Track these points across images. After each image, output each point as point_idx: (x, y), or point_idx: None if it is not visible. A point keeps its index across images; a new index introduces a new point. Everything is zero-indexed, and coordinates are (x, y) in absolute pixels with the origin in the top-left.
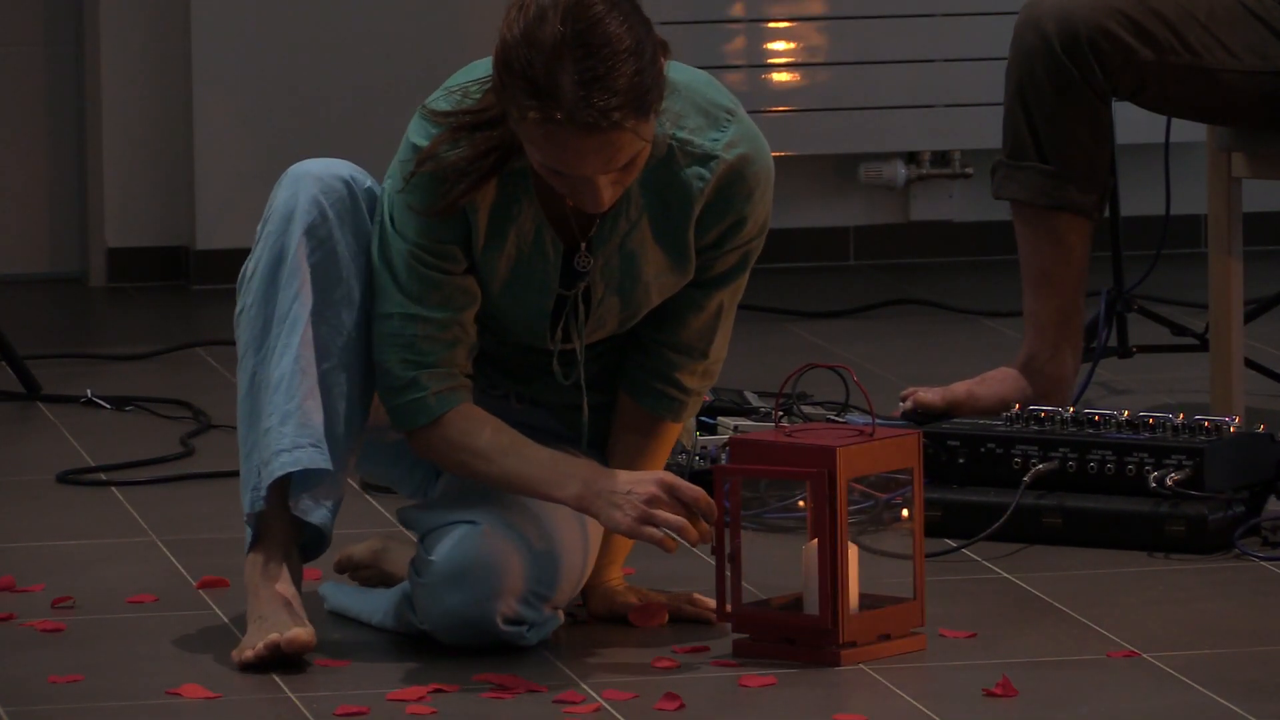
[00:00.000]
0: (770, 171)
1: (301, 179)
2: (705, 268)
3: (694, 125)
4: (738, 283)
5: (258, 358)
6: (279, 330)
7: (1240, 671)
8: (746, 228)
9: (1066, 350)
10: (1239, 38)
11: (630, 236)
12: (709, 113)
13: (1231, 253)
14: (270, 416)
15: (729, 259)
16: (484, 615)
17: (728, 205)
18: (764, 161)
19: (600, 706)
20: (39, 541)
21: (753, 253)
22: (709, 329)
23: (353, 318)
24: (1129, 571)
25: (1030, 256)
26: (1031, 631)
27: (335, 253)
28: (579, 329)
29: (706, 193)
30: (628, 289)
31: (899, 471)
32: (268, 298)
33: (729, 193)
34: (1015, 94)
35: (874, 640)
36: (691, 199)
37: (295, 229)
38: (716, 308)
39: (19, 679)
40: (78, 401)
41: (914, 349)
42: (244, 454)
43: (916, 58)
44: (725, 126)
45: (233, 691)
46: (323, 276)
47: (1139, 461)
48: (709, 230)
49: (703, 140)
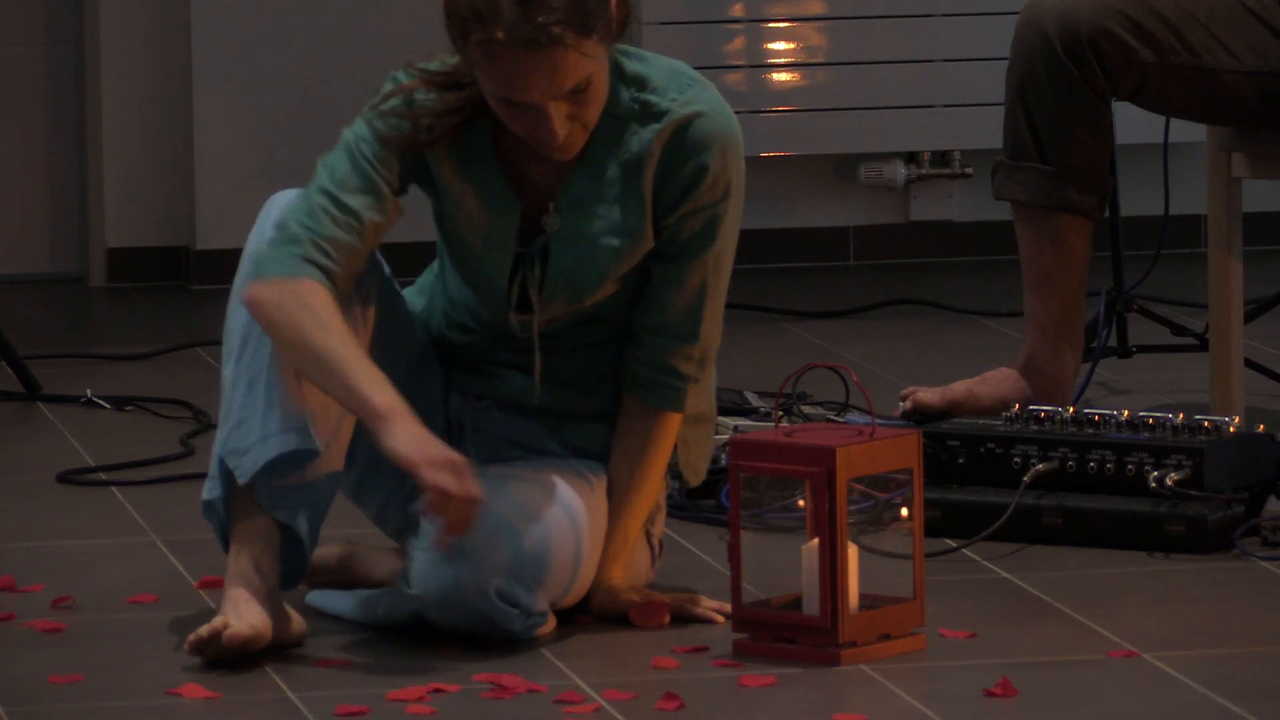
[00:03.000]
0: (729, 134)
1: (273, 203)
2: (672, 236)
3: (657, 86)
4: (712, 255)
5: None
6: (250, 328)
7: (1240, 672)
8: (703, 185)
9: (1067, 350)
10: (1239, 38)
11: (589, 197)
12: (674, 77)
13: (1231, 253)
14: (245, 408)
15: (693, 224)
16: (480, 588)
17: (680, 161)
18: (720, 121)
19: (600, 706)
20: (39, 541)
21: (720, 218)
22: (694, 308)
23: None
24: (1129, 571)
25: (1031, 257)
26: (1031, 631)
27: None
28: (534, 284)
29: (658, 149)
30: (584, 250)
31: (899, 471)
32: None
33: (679, 147)
34: (1016, 94)
35: (874, 640)
36: (645, 155)
37: (262, 239)
38: (698, 284)
39: (19, 679)
40: (78, 401)
41: (914, 349)
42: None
43: (917, 58)
44: (686, 89)
45: (232, 691)
46: None
47: (1139, 461)
48: (665, 187)
49: (660, 99)
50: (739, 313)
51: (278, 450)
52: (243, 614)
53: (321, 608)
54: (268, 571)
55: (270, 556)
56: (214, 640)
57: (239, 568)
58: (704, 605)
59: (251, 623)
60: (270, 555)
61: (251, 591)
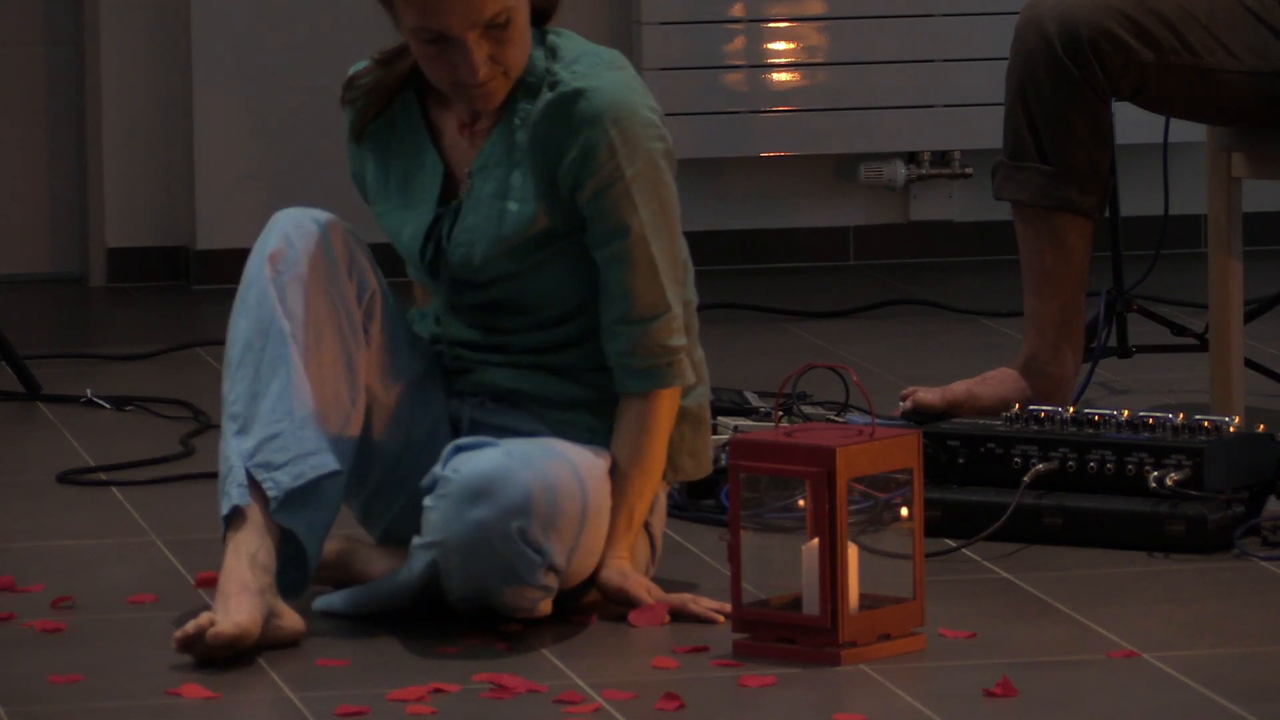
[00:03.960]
0: (618, 108)
1: (274, 222)
2: (594, 219)
3: (565, 59)
4: (642, 225)
5: (248, 368)
6: (263, 344)
7: (1240, 672)
8: (598, 161)
9: (1067, 350)
10: (1239, 38)
11: (497, 161)
12: (587, 55)
13: (1231, 253)
14: (280, 423)
15: (607, 202)
16: (503, 530)
17: (569, 137)
18: (608, 96)
19: (600, 706)
20: (39, 541)
21: (632, 190)
22: (653, 282)
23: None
24: (1129, 571)
25: (1031, 257)
26: (1031, 631)
27: (300, 281)
28: (446, 239)
29: (546, 120)
30: (486, 211)
31: (899, 471)
32: (251, 319)
33: (566, 122)
34: (1016, 94)
35: (874, 640)
36: (538, 121)
37: (260, 256)
38: (646, 258)
39: (19, 679)
40: (78, 401)
41: (914, 349)
42: (241, 452)
43: (917, 58)
44: (591, 67)
45: (232, 691)
46: (290, 300)
47: (1139, 461)
48: (561, 163)
49: (562, 70)
50: (739, 313)
51: (316, 472)
52: (230, 611)
53: (329, 608)
54: (263, 567)
55: (266, 553)
56: (199, 637)
57: (233, 564)
58: (704, 605)
59: (237, 621)
60: (266, 551)
61: (242, 588)
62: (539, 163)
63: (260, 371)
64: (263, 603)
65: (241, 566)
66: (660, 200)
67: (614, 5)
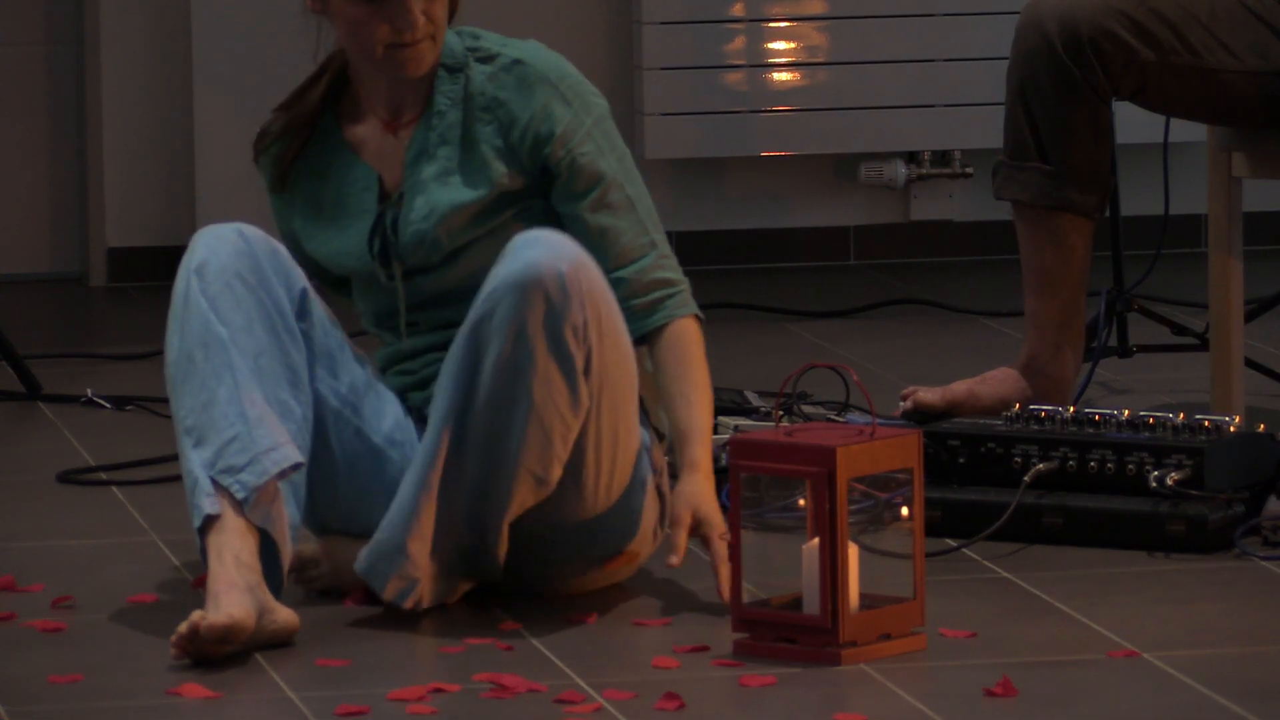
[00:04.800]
0: (555, 69)
1: (195, 240)
2: (570, 175)
3: (486, 38)
4: (612, 168)
5: (194, 381)
6: (205, 354)
7: (1241, 671)
8: (555, 120)
9: (1068, 350)
10: (1240, 38)
11: (431, 144)
12: (509, 39)
13: (1232, 252)
14: (233, 425)
15: (576, 155)
16: (558, 271)
17: (519, 105)
18: (542, 60)
19: (601, 706)
20: (39, 541)
21: (594, 136)
22: (635, 222)
23: (253, 345)
24: (1129, 571)
25: (1031, 257)
26: (1032, 631)
27: (230, 288)
28: (392, 230)
29: (491, 87)
30: (428, 191)
31: (899, 471)
32: (187, 333)
33: (512, 91)
34: (1017, 94)
35: (874, 640)
36: (481, 94)
37: (187, 271)
38: (623, 199)
39: (19, 678)
40: (78, 401)
41: (914, 349)
42: (203, 462)
43: (917, 57)
44: (520, 43)
45: (233, 691)
46: (223, 307)
47: (1139, 461)
48: (514, 129)
49: (490, 45)
50: (739, 312)
51: (278, 466)
52: (221, 605)
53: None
54: (248, 566)
55: (249, 552)
56: (193, 634)
57: (218, 567)
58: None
59: (230, 612)
60: (249, 551)
61: (230, 585)
62: (489, 130)
63: (206, 381)
64: (254, 598)
65: (227, 568)
66: (620, 145)
67: (614, 5)
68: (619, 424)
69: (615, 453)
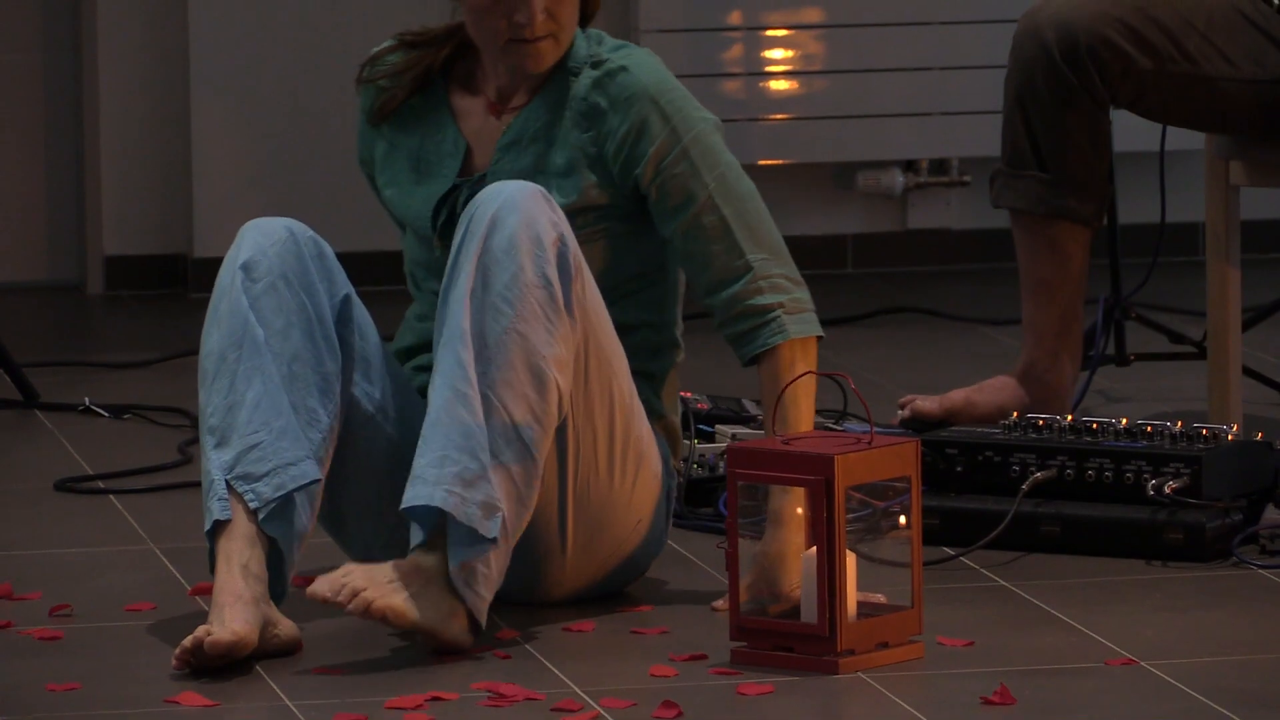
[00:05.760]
0: (657, 83)
1: (243, 233)
2: (661, 196)
3: (612, 46)
4: (709, 191)
5: (224, 379)
6: (238, 355)
7: (1239, 680)
8: (651, 135)
9: (1065, 358)
10: (1238, 46)
11: (527, 137)
12: (628, 46)
13: (1229, 260)
14: (258, 433)
15: (670, 175)
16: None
17: (616, 117)
18: (644, 73)
19: (598, 715)
20: (37, 549)
21: (691, 156)
22: (729, 246)
23: (289, 350)
24: (1127, 580)
25: (1029, 265)
26: (1029, 639)
27: (275, 289)
28: (461, 208)
29: (594, 95)
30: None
31: (897, 479)
32: (224, 330)
33: (611, 101)
34: (1014, 102)
35: (872, 648)
36: (584, 97)
37: (233, 266)
38: (717, 223)
39: (17, 687)
40: (75, 409)
41: (912, 357)
42: (221, 465)
43: (914, 66)
44: (633, 51)
45: (230, 699)
46: (265, 309)
47: (1137, 469)
48: (609, 141)
49: (603, 50)
50: None
51: (296, 483)
52: (226, 620)
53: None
54: (256, 577)
55: (258, 562)
56: (197, 650)
57: (226, 576)
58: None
59: (234, 629)
60: (258, 561)
61: (235, 598)
62: (585, 138)
63: (235, 382)
64: (258, 611)
65: (234, 578)
66: (719, 165)
67: (613, 13)
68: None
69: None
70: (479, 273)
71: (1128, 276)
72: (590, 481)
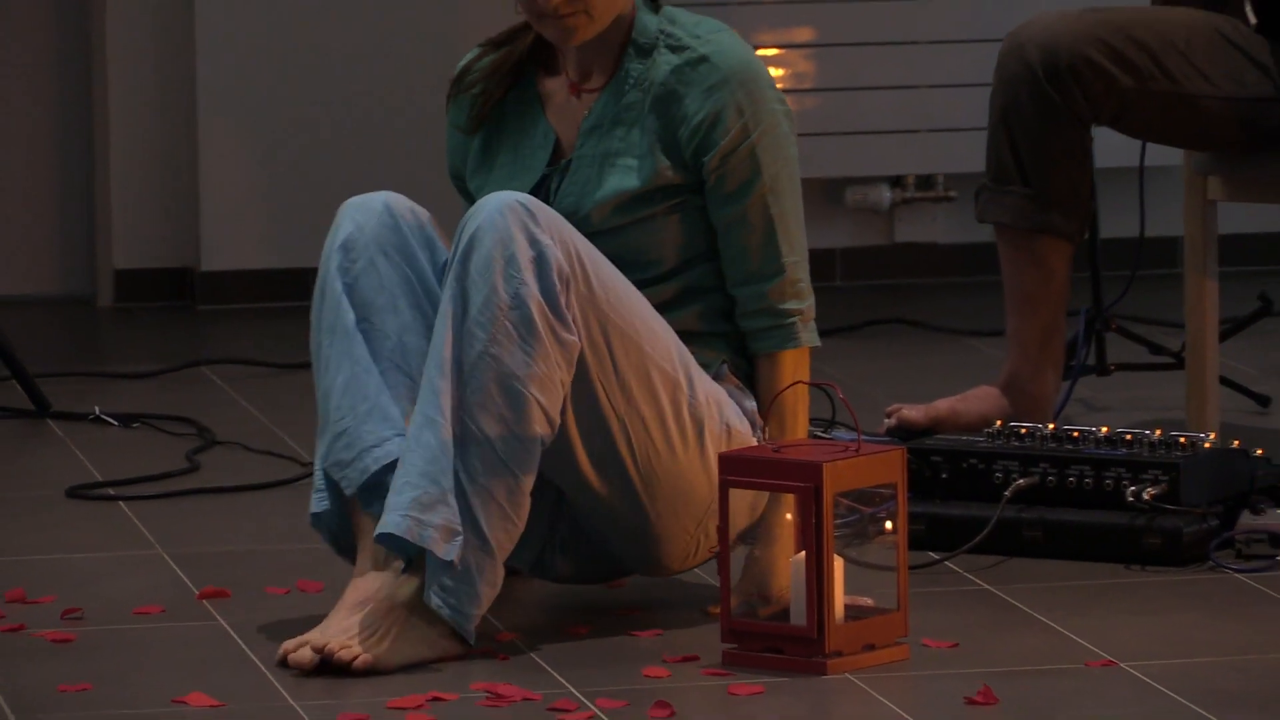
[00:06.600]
0: (745, 71)
1: (342, 210)
2: (719, 182)
3: (683, 23)
4: (763, 185)
5: (320, 368)
6: (330, 341)
7: (1216, 681)
8: (726, 124)
9: (1048, 369)
10: (1217, 65)
11: (609, 120)
12: (702, 21)
13: (1207, 273)
14: (344, 419)
15: (733, 164)
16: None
17: (696, 101)
18: (733, 60)
19: (593, 715)
20: (49, 555)
21: (757, 150)
22: (769, 243)
23: (399, 323)
24: (1107, 583)
25: (1013, 278)
26: (1012, 641)
27: (374, 265)
28: (553, 196)
29: (674, 81)
30: (596, 166)
31: (883, 486)
32: (320, 318)
33: (693, 86)
34: (999, 120)
35: (859, 650)
36: (663, 84)
37: (332, 248)
38: (763, 220)
39: (29, 688)
40: (86, 419)
41: (899, 367)
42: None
43: (902, 84)
44: (710, 31)
45: (237, 700)
46: (365, 288)
47: (1117, 476)
48: (685, 126)
49: (684, 34)
50: None
51: (379, 464)
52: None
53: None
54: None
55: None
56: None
57: (364, 580)
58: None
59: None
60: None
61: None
62: (661, 122)
63: (328, 370)
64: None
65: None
66: (779, 164)
67: None
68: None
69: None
70: (460, 295)
71: (1108, 289)
72: (653, 460)
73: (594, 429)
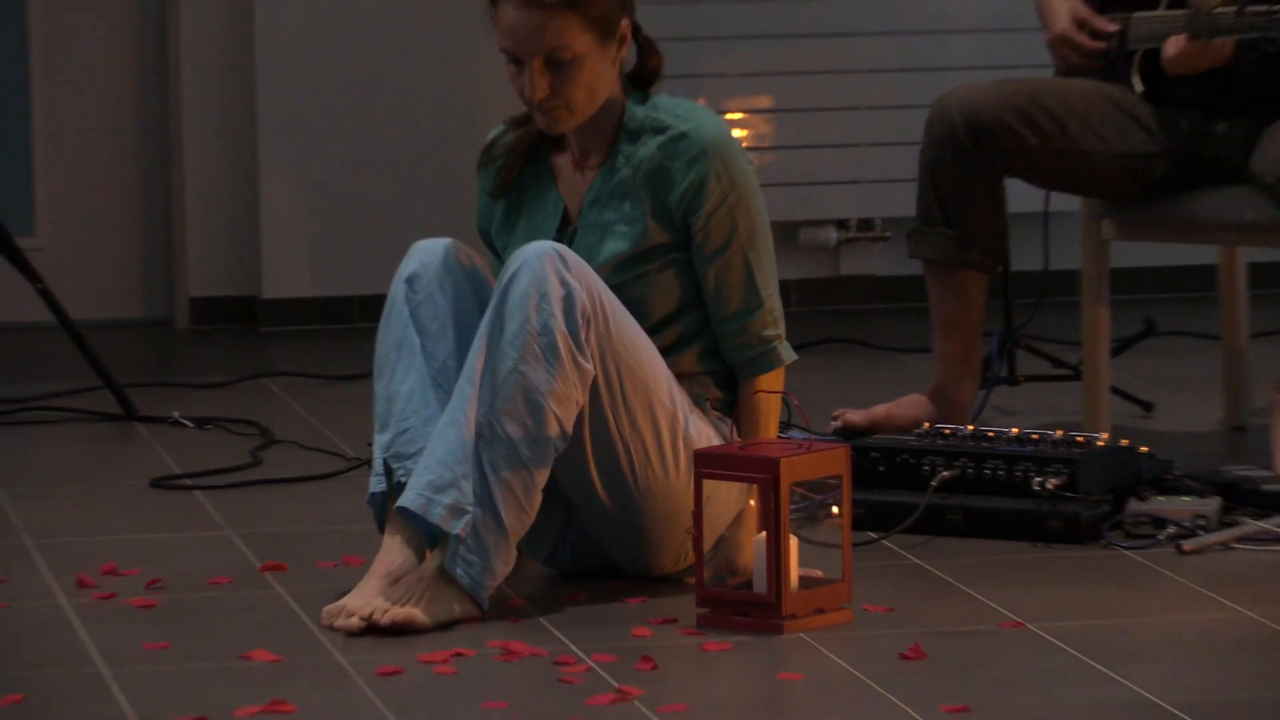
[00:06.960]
0: (719, 142)
1: (412, 250)
2: (704, 239)
3: (664, 108)
4: (742, 237)
5: (386, 375)
6: (398, 355)
7: (1107, 639)
8: (709, 190)
9: (967, 381)
10: (1109, 127)
11: (606, 194)
12: (680, 103)
13: (1101, 301)
14: (408, 420)
15: (716, 222)
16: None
17: (681, 171)
18: (709, 133)
19: (589, 667)
20: (135, 535)
21: (735, 208)
22: (750, 283)
23: (445, 348)
24: (1017, 559)
25: (938, 305)
26: (938, 607)
27: (432, 298)
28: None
29: (659, 156)
30: (598, 234)
31: (831, 477)
32: (389, 334)
33: (678, 158)
34: (927, 172)
35: (810, 614)
36: (649, 161)
37: (400, 280)
38: (743, 264)
39: (120, 646)
40: (166, 422)
41: (844, 379)
42: (381, 445)
43: (846, 142)
44: (690, 110)
45: (292, 656)
46: (423, 316)
47: (1025, 469)
48: (673, 193)
49: (665, 116)
50: None
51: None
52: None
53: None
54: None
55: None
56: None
57: (390, 547)
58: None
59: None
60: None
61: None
62: (651, 192)
63: (395, 378)
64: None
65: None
66: (754, 218)
67: None
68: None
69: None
70: (498, 320)
71: (1018, 314)
72: (650, 477)
73: (604, 450)
